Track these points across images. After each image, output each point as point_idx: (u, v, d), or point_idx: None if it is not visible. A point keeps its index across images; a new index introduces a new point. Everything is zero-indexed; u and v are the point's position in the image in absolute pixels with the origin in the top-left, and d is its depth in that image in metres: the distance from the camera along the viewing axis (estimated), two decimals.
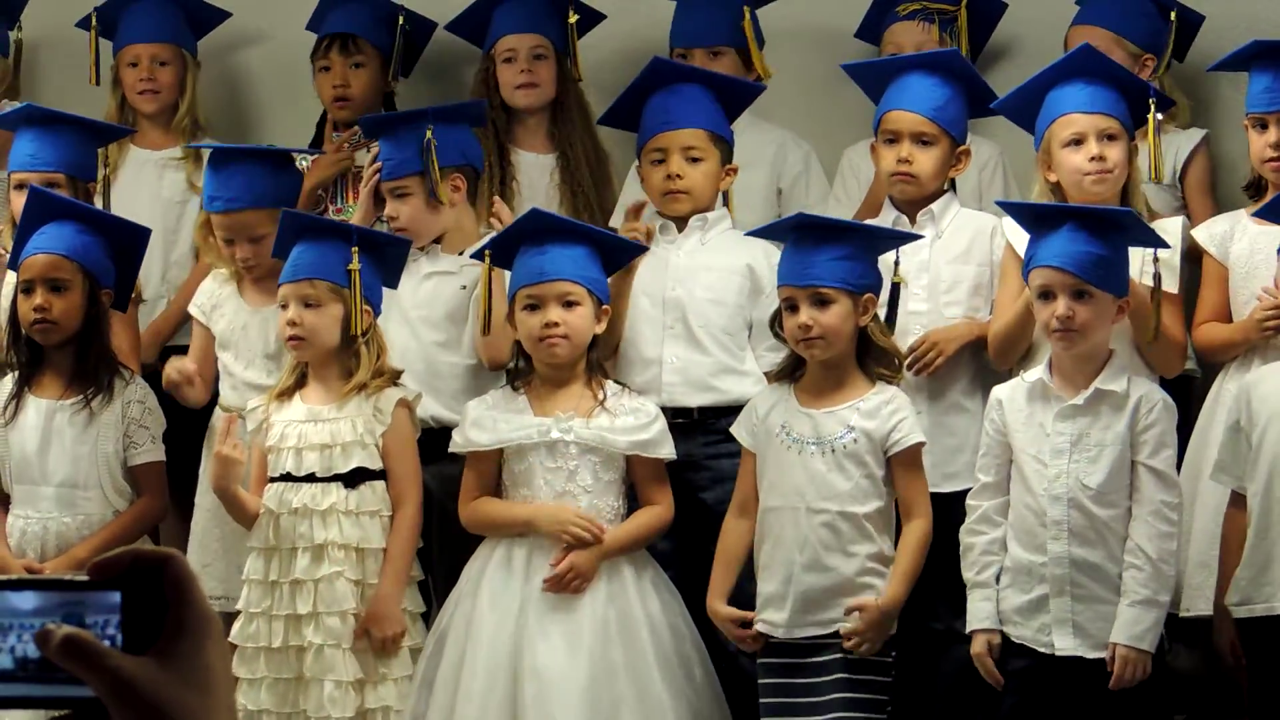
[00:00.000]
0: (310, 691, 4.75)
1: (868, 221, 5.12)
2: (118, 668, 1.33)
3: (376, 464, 4.85)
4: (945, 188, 5.16)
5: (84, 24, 6.07)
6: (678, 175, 5.16)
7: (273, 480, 4.87)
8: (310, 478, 4.82)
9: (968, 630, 4.67)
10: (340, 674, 4.73)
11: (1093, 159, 4.89)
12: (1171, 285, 4.81)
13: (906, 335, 4.86)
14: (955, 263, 5.07)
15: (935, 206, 5.10)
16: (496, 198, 5.38)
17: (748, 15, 5.63)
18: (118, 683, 1.33)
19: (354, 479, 4.82)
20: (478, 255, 5.03)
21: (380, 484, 4.84)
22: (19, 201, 5.39)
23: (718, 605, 4.76)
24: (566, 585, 4.73)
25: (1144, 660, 4.49)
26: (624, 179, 5.65)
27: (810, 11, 5.86)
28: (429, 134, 5.21)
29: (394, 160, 5.27)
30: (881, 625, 4.61)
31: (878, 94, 5.19)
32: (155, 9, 6.01)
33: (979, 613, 4.63)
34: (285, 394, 4.91)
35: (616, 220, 5.40)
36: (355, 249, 4.88)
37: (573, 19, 5.75)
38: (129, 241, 5.20)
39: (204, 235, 5.38)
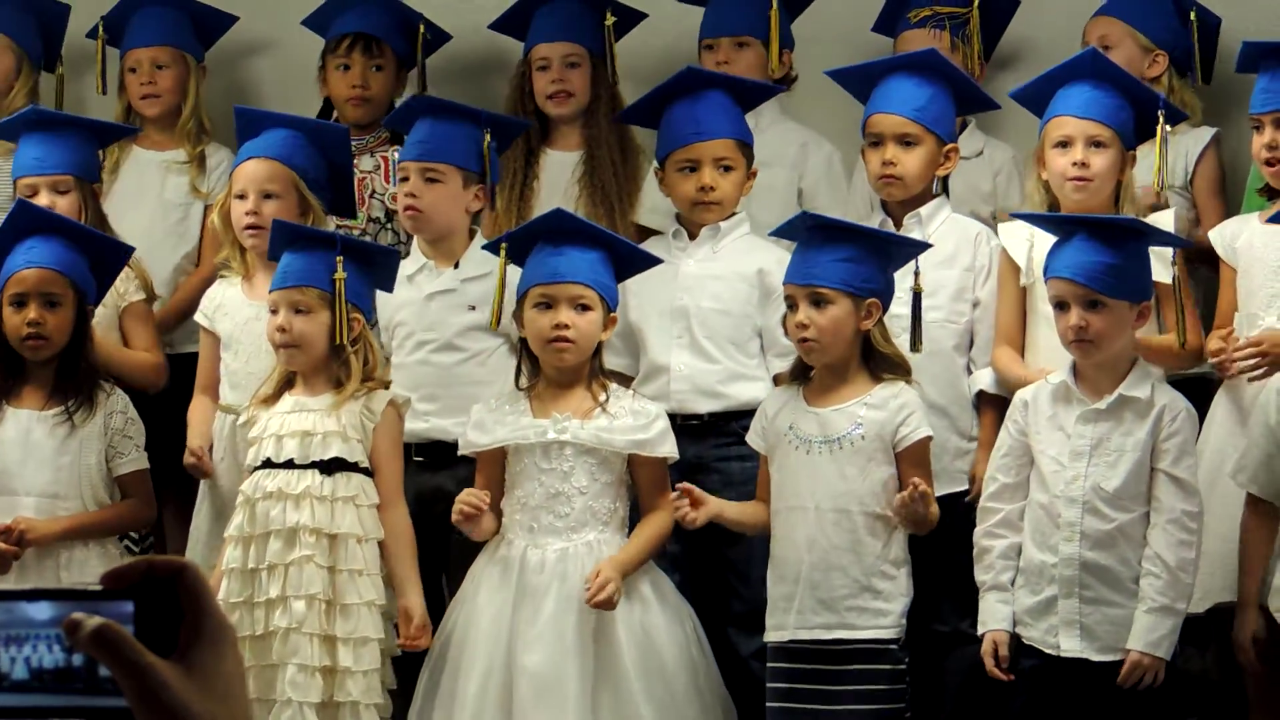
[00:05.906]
0: (278, 675, 4.71)
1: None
2: (152, 665, 1.30)
3: (355, 457, 4.81)
4: (936, 191, 5.14)
5: (93, 34, 6.06)
6: (711, 186, 5.15)
7: (254, 470, 4.86)
8: (289, 464, 4.81)
9: (980, 631, 4.64)
10: (304, 658, 4.69)
11: (1075, 164, 4.89)
12: (1164, 276, 4.78)
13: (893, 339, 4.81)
14: (940, 267, 5.01)
15: (924, 210, 5.08)
16: None
17: (775, 7, 5.62)
18: (150, 681, 1.30)
19: (330, 467, 4.80)
20: (493, 248, 5.01)
21: (357, 475, 4.81)
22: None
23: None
24: (595, 597, 4.63)
25: (1158, 667, 4.47)
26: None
27: (840, 14, 5.83)
28: (488, 137, 5.22)
29: (431, 144, 5.24)
30: None
31: (867, 98, 5.18)
32: (157, 15, 6.00)
33: (996, 614, 4.60)
34: (270, 400, 4.89)
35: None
36: (340, 258, 4.85)
37: (610, 21, 5.75)
38: (110, 258, 5.18)
39: (225, 226, 5.32)
